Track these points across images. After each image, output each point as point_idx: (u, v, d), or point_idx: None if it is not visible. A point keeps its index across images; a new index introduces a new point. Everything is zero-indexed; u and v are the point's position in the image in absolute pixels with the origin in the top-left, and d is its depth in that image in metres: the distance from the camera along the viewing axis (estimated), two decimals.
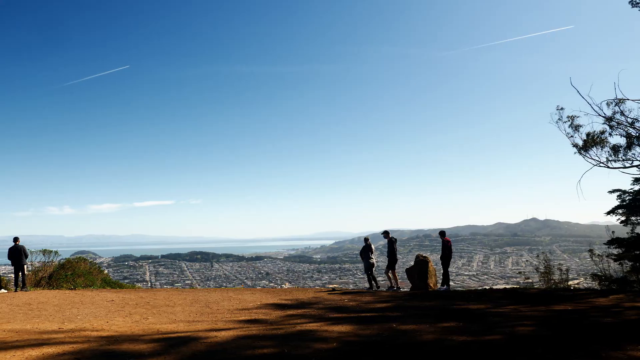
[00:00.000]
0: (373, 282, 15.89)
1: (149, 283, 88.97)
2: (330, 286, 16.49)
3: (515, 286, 17.73)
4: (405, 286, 15.63)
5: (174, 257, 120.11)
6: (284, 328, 8.07)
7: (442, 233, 16.11)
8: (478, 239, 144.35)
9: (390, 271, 15.74)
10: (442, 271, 15.88)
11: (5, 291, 16.39)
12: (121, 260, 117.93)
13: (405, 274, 16.39)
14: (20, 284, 16.84)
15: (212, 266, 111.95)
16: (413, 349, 6.32)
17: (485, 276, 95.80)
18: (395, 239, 16.08)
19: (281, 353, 6.09)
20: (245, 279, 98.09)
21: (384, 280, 16.30)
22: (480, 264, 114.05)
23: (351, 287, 15.97)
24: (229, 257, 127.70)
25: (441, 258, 15.86)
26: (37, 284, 19.90)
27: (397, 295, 13.65)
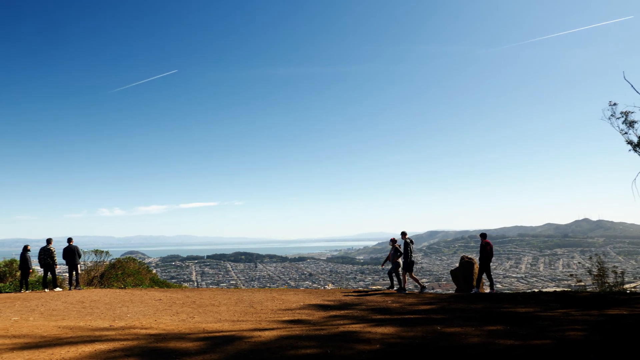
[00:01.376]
0: (394, 281, 15.82)
1: (195, 283, 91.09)
2: (374, 287, 16.33)
3: (566, 289, 17.08)
4: (450, 288, 15.34)
5: (219, 258, 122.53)
6: (327, 329, 8.08)
7: (483, 235, 15.66)
8: (526, 240, 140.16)
9: (407, 273, 15.54)
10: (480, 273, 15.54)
11: (60, 289, 17.16)
12: (168, 261, 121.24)
13: (450, 275, 16.09)
14: (74, 282, 17.60)
15: (255, 267, 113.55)
16: (458, 352, 6.19)
17: (534, 279, 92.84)
18: (412, 240, 15.78)
19: (324, 354, 6.09)
20: (289, 279, 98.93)
21: (428, 282, 16.03)
22: (528, 266, 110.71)
23: (394, 289, 15.93)
24: (272, 258, 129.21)
25: (479, 260, 15.48)
26: (90, 283, 20.75)
27: (441, 297, 13.42)
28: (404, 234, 15.74)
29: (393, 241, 16.06)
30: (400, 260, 15.48)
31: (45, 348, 6.57)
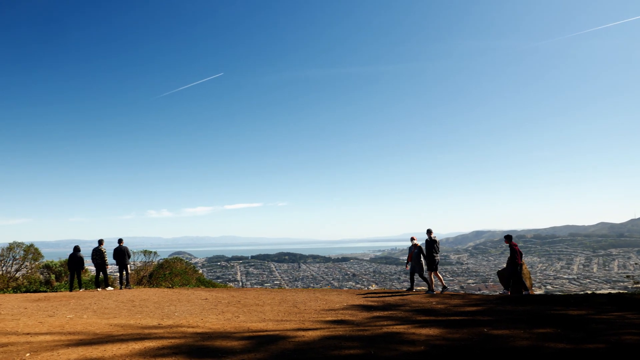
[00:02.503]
0: (415, 282, 15.63)
1: (240, 283, 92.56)
2: (418, 288, 16.13)
3: (622, 291, 16.30)
4: (497, 289, 14.96)
5: (263, 258, 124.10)
6: (370, 329, 8.02)
7: (508, 237, 15.32)
8: (578, 240, 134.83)
9: (431, 273, 15.36)
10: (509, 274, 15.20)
11: (112, 288, 17.80)
12: (214, 261, 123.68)
13: (497, 276, 15.68)
14: (125, 282, 18.23)
15: (299, 267, 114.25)
16: (506, 355, 6.01)
17: (588, 280, 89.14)
18: (434, 239, 15.43)
19: (367, 354, 6.05)
20: (332, 279, 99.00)
21: (474, 283, 15.67)
22: (581, 266, 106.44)
23: (439, 289, 15.64)
24: (315, 258, 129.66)
25: (508, 262, 15.12)
26: (139, 282, 21.44)
27: (488, 298, 13.08)
28: (429, 231, 15.52)
29: (429, 232, 15.75)
30: (423, 260, 15.34)
31: (98, 345, 6.82)
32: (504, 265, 15.58)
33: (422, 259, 15.36)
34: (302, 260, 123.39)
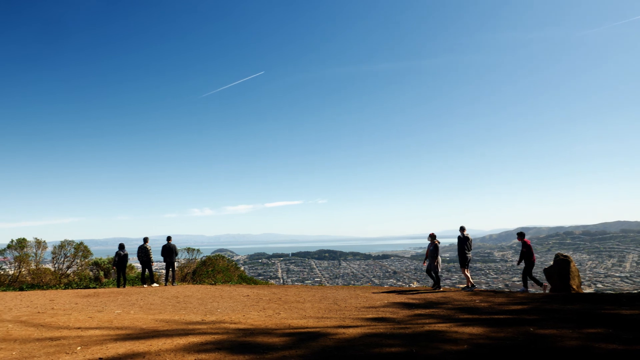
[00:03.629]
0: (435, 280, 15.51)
1: (281, 280, 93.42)
2: (460, 286, 15.85)
3: None
4: (545, 288, 14.49)
5: (303, 255, 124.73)
6: (412, 327, 7.92)
7: (520, 234, 15.29)
8: (631, 236, 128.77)
9: (464, 269, 15.23)
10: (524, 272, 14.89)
11: (157, 285, 18.31)
12: (255, 258, 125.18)
13: (543, 274, 15.22)
14: (170, 279, 18.71)
15: (339, 264, 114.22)
16: (553, 355, 5.80)
17: None
18: (467, 237, 15.19)
19: (409, 353, 5.98)
20: (373, 277, 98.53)
21: (519, 280, 15.23)
22: (634, 264, 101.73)
23: (483, 287, 15.19)
24: (355, 256, 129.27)
25: (523, 260, 14.99)
26: (183, 279, 21.96)
27: (534, 297, 12.69)
28: (462, 228, 15.28)
29: (432, 237, 15.72)
30: (440, 258, 15.38)
31: (145, 339, 7.02)
32: (551, 263, 15.11)
33: (437, 255, 15.37)
34: (342, 258, 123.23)
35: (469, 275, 15.29)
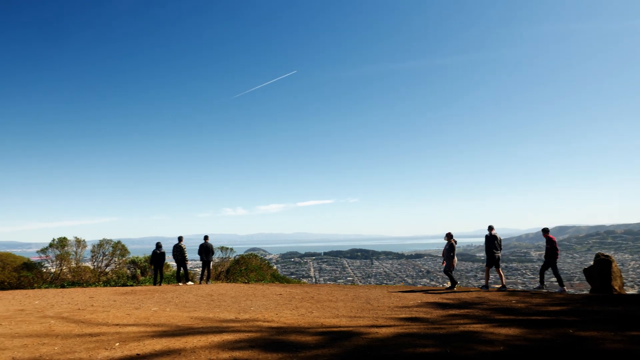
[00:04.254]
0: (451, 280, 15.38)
1: (314, 279, 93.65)
2: (496, 286, 15.56)
3: None
4: (584, 288, 14.11)
5: (335, 254, 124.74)
6: (446, 328, 7.81)
7: (545, 230, 14.91)
8: None
9: (488, 268, 15.06)
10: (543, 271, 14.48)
11: (192, 283, 18.63)
12: (287, 257, 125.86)
13: (583, 274, 14.78)
14: (205, 277, 19.02)
15: (372, 263, 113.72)
16: (594, 358, 5.60)
17: None
18: (495, 236, 14.91)
19: (443, 353, 5.89)
20: (406, 276, 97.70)
21: (557, 281, 14.82)
22: None
23: (519, 287, 14.73)
24: (388, 255, 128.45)
25: (545, 257, 14.63)
26: (217, 278, 22.28)
27: (574, 297, 12.33)
28: (490, 227, 14.99)
29: (449, 236, 15.52)
30: (456, 258, 15.25)
31: (180, 336, 7.15)
32: (591, 263, 14.66)
33: (453, 255, 15.23)
34: (374, 257, 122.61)
35: (489, 275, 15.25)
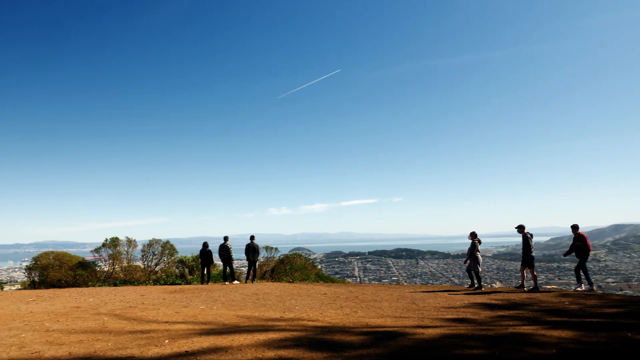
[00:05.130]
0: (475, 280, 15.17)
1: (358, 279, 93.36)
2: (548, 287, 15.07)
3: None
4: (632, 289, 13.44)
5: (380, 254, 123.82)
6: (494, 329, 7.60)
7: (574, 227, 14.39)
8: None
9: (524, 268, 14.69)
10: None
11: (238, 282, 18.94)
12: (332, 257, 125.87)
13: None
14: (251, 277, 19.30)
15: (417, 263, 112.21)
16: None
17: None
18: (531, 235, 14.45)
19: (492, 355, 5.73)
20: (452, 276, 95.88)
21: (615, 282, 14.17)
22: None
23: (573, 288, 14.21)
24: (434, 254, 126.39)
25: (578, 255, 14.21)
26: (262, 277, 22.56)
27: (632, 299, 11.74)
28: (522, 227, 14.50)
29: (473, 235, 15.24)
30: (479, 256, 14.99)
31: (227, 334, 7.28)
32: None
33: (476, 254, 15.04)
34: (420, 257, 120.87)
35: (525, 275, 14.97)
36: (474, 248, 15.06)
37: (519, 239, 14.82)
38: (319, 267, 33.48)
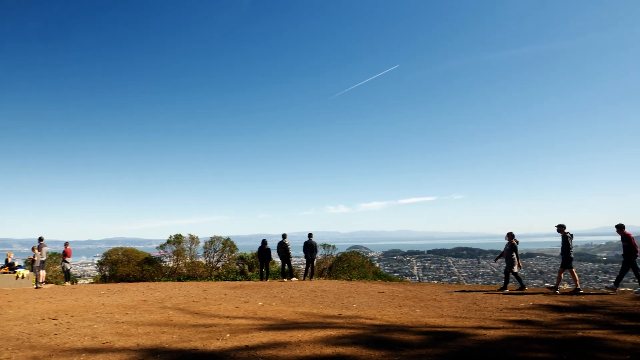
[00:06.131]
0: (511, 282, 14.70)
1: (417, 277, 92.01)
2: (622, 289, 14.21)
3: None
4: None
5: (439, 253, 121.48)
6: (562, 332, 7.25)
7: (619, 226, 13.52)
8: None
9: (563, 270, 13.98)
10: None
11: (296, 279, 19.15)
12: (390, 255, 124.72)
13: None
14: (309, 274, 19.47)
15: (478, 262, 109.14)
16: None
17: None
18: (571, 235, 13.72)
19: (559, 359, 5.48)
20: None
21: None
22: None
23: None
24: (496, 254, 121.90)
25: (624, 255, 13.22)
26: (319, 275, 22.69)
27: None
28: (562, 227, 13.68)
29: (510, 236, 14.67)
30: (516, 258, 14.54)
31: (285, 330, 7.38)
32: None
33: (513, 255, 14.52)
34: (481, 256, 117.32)
35: (561, 277, 14.30)
36: (512, 249, 14.51)
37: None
38: (377, 265, 33.31)
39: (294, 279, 19.23)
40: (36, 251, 19.05)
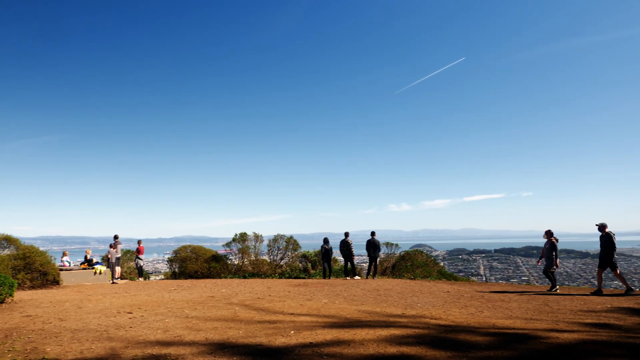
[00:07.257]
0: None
1: (483, 277, 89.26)
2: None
3: None
4: None
5: (507, 252, 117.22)
6: None
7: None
8: None
9: (602, 270, 12.99)
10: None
11: (359, 278, 19.12)
12: (455, 254, 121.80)
13: None
14: (372, 272, 19.41)
15: None
16: None
17: None
18: (613, 234, 12.60)
19: None
20: (591, 277, 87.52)
21: None
22: None
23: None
24: (570, 253, 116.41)
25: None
26: (382, 273, 22.54)
27: None
28: (603, 226, 12.60)
29: (549, 234, 13.87)
30: (554, 256, 13.81)
31: (349, 328, 7.40)
32: None
33: (553, 255, 13.81)
34: None
35: (602, 278, 13.27)
36: (552, 248, 13.75)
37: None
38: (442, 264, 32.60)
39: (357, 277, 19.22)
40: (112, 248, 20.20)
